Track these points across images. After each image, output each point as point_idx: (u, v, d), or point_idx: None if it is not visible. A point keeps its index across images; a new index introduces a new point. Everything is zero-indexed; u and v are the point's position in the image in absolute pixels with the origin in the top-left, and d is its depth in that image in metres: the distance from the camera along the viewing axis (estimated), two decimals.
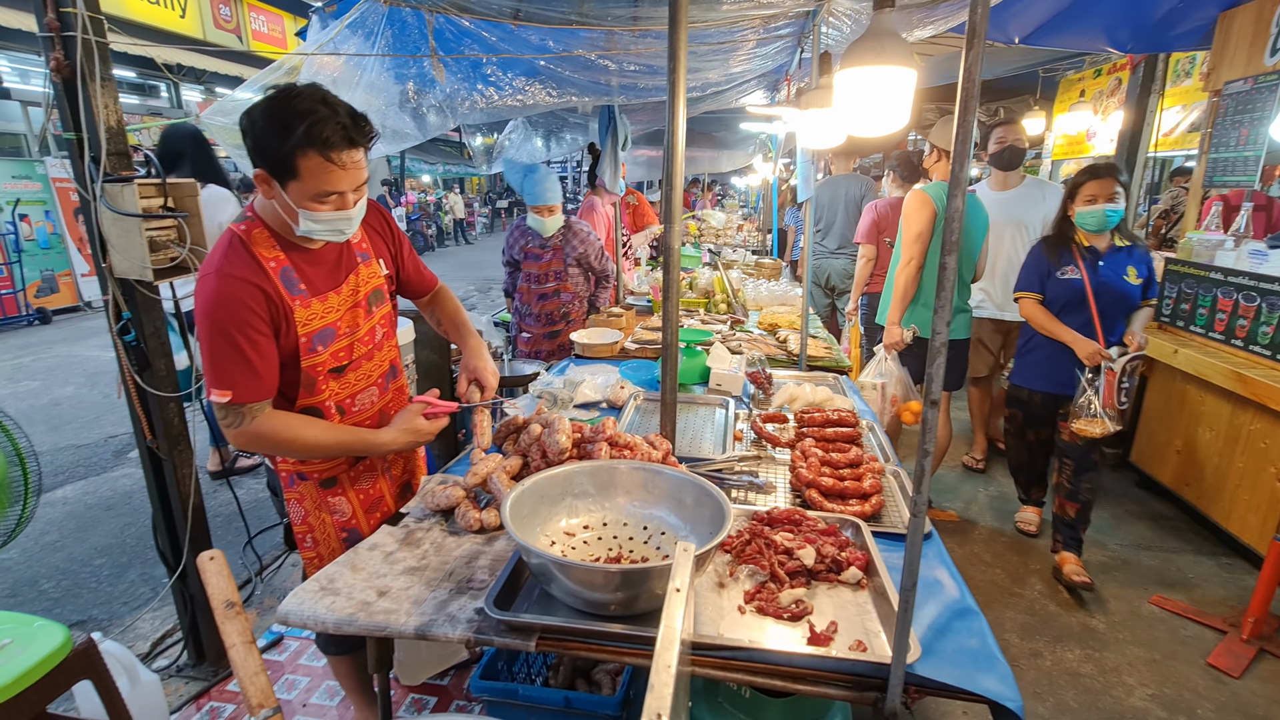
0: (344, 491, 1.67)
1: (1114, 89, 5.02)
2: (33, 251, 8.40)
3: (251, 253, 1.40)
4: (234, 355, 1.35)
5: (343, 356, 1.56)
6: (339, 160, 1.31)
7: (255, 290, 1.37)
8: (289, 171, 1.30)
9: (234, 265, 1.37)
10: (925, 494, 0.93)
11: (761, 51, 3.17)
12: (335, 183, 1.33)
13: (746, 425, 2.12)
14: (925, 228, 3.00)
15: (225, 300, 1.34)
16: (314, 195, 1.33)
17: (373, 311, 1.62)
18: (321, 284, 1.50)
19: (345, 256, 1.57)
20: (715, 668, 1.10)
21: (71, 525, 3.48)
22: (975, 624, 1.21)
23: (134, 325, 2.01)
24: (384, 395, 1.70)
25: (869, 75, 1.26)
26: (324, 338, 1.50)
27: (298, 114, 1.26)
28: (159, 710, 2.10)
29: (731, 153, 9.03)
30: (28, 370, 6.25)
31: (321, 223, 1.38)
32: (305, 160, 1.29)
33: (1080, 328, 2.78)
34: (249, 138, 1.31)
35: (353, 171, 1.35)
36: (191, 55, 9.27)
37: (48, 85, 1.89)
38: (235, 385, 1.36)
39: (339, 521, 1.68)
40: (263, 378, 1.40)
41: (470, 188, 27.24)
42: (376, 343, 1.65)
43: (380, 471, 1.74)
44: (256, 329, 1.37)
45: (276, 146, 1.28)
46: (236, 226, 1.43)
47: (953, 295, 0.87)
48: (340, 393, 1.58)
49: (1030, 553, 3.15)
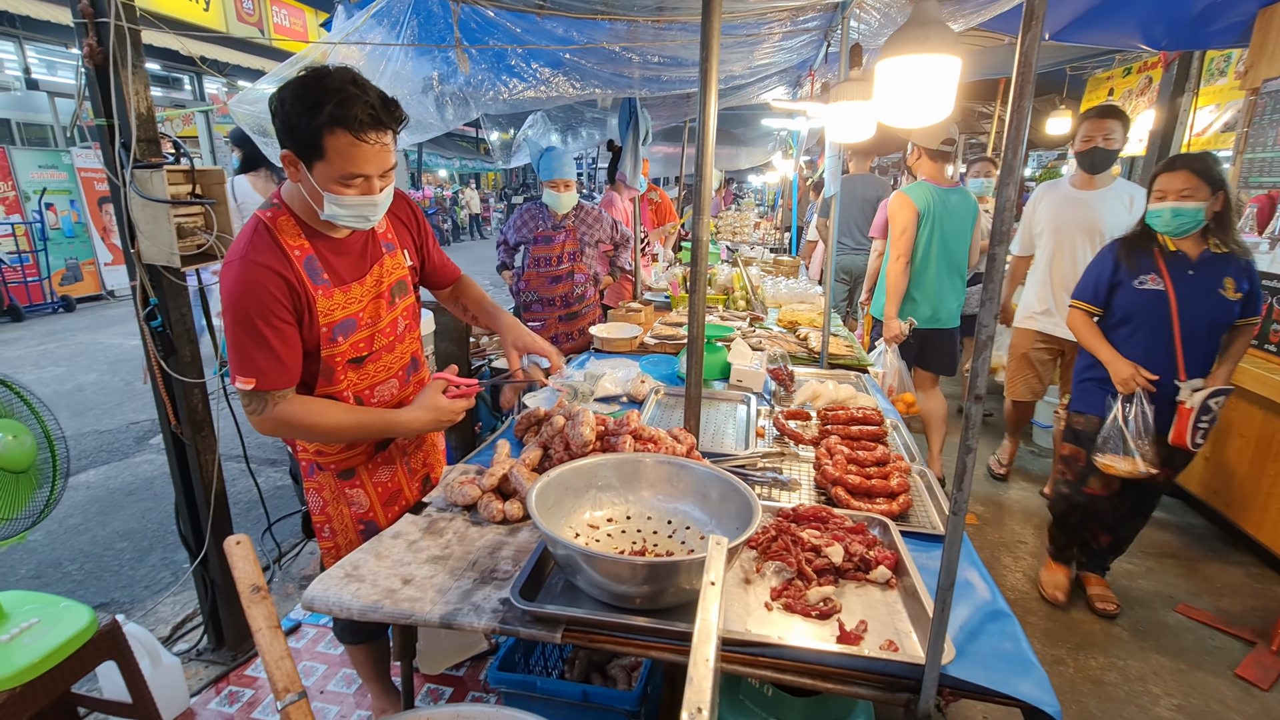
0: (362, 483, 1.66)
1: (1144, 87, 4.92)
2: (58, 240, 8.55)
3: (277, 240, 1.39)
4: (258, 342, 1.35)
5: (363, 348, 1.54)
6: (367, 140, 1.30)
7: (279, 278, 1.36)
8: (316, 151, 1.29)
9: (259, 252, 1.36)
10: (967, 492, 0.90)
11: (787, 45, 3.14)
12: (362, 164, 1.32)
13: (768, 422, 2.10)
14: (909, 225, 3.26)
15: (250, 287, 1.34)
16: (340, 177, 1.32)
17: (395, 303, 1.61)
18: (345, 274, 1.49)
19: (370, 246, 1.55)
20: (743, 664, 1.08)
21: (94, 509, 3.53)
22: (1008, 627, 1.18)
23: (160, 311, 2.03)
24: (405, 388, 1.69)
25: (912, 64, 1.23)
26: (345, 328, 1.49)
27: (327, 93, 1.25)
28: (179, 692, 2.13)
29: (750, 150, 8.98)
30: (52, 356, 6.35)
31: (346, 208, 1.36)
32: (332, 139, 1.27)
33: (1158, 349, 2.37)
34: (278, 118, 1.30)
35: (380, 154, 1.34)
36: (214, 48, 9.37)
37: (80, 72, 1.91)
38: (259, 372, 1.36)
39: (356, 513, 1.67)
40: (286, 365, 1.39)
41: (486, 183, 27.35)
42: (398, 334, 1.64)
43: (399, 463, 1.73)
44: (280, 316, 1.37)
45: (305, 125, 1.26)
46: (263, 213, 1.42)
47: (1000, 288, 0.85)
48: (359, 383, 1.57)
49: None
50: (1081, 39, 3.66)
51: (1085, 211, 3.14)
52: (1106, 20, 3.46)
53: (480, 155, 21.66)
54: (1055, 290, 3.23)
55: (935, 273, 3.31)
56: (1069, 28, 3.55)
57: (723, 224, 8.54)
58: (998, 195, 0.83)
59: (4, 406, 1.62)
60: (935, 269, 3.31)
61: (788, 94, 4.88)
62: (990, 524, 3.42)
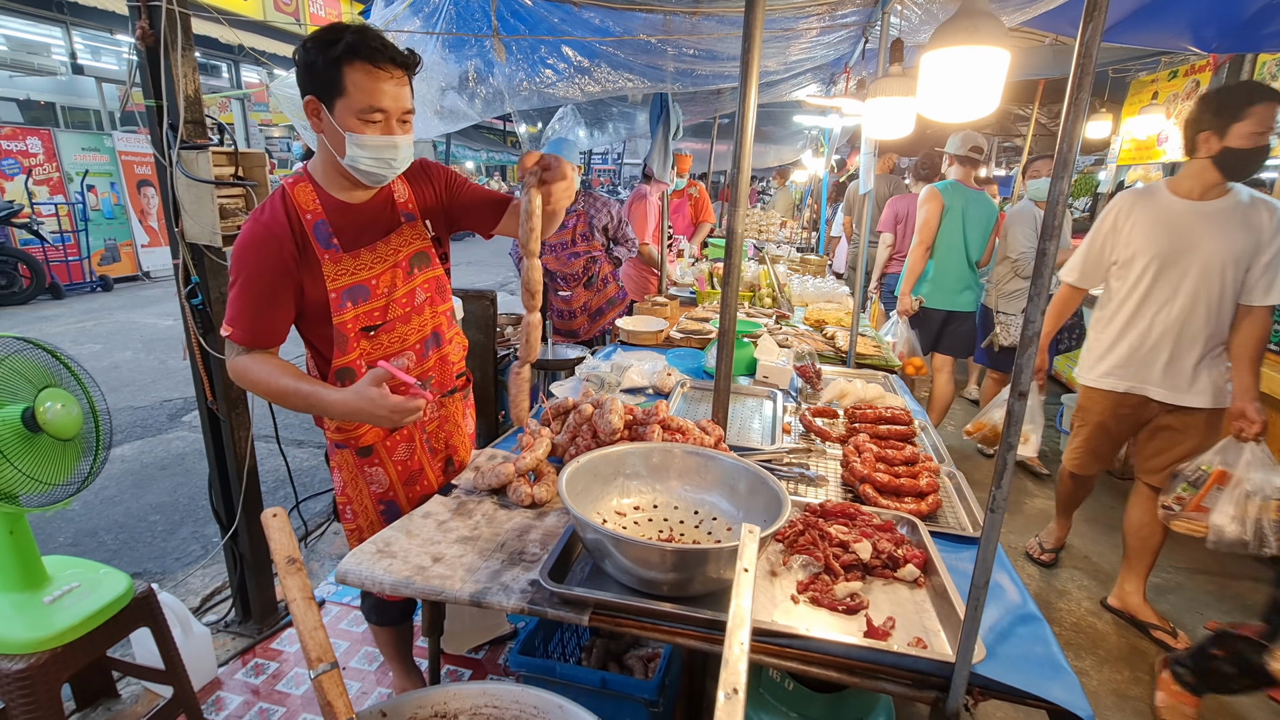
0: (381, 461, 1.66)
1: (1190, 91, 4.78)
2: (98, 221, 8.78)
3: (290, 204, 1.44)
4: (244, 298, 1.41)
5: (376, 316, 1.53)
6: (384, 69, 1.33)
7: (277, 242, 1.41)
8: (336, 87, 1.33)
9: (266, 214, 1.43)
10: (1006, 489, 0.89)
11: (824, 40, 3.10)
12: (379, 97, 1.34)
13: (794, 419, 2.09)
14: (933, 216, 3.69)
15: (252, 246, 1.40)
16: (359, 111, 1.34)
17: (414, 274, 1.58)
18: (357, 240, 1.50)
19: (388, 214, 1.55)
20: (769, 654, 1.08)
21: (129, 482, 3.63)
22: (1039, 630, 1.17)
23: (201, 289, 2.08)
24: (423, 362, 1.65)
25: (960, 56, 1.21)
26: (354, 294, 1.49)
27: (344, 29, 1.33)
28: (208, 662, 2.19)
29: (779, 148, 8.91)
30: (90, 334, 6.53)
31: (367, 149, 1.37)
32: (351, 71, 1.31)
33: None
34: (300, 66, 1.36)
35: (398, 91, 1.37)
36: (252, 36, 9.54)
37: (130, 54, 1.96)
38: (238, 325, 1.42)
39: (376, 493, 1.68)
40: (263, 327, 1.44)
41: (512, 176, 27.50)
42: (415, 306, 1.60)
43: (418, 441, 1.71)
44: (270, 280, 1.42)
45: (323, 59, 1.32)
46: (286, 180, 1.49)
47: (1049, 283, 0.83)
48: (372, 353, 1.56)
49: (1078, 571, 3.04)
50: (1128, 39, 3.56)
51: (1200, 231, 2.30)
52: (1155, 20, 3.36)
53: (507, 148, 21.78)
54: (1160, 341, 2.40)
55: (955, 262, 3.79)
56: (1115, 28, 3.45)
57: (748, 221, 8.49)
58: (1050, 189, 0.82)
59: (53, 377, 1.67)
60: (956, 259, 3.78)
61: (821, 91, 4.83)
62: (1017, 532, 3.36)
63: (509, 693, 1.09)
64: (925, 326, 3.86)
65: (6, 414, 1.52)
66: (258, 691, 2.14)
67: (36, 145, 8.15)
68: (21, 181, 7.99)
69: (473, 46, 2.97)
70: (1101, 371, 2.57)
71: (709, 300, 4.04)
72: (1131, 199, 2.46)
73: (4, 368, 1.54)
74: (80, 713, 2.02)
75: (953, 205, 3.70)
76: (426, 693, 1.09)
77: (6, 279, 7.38)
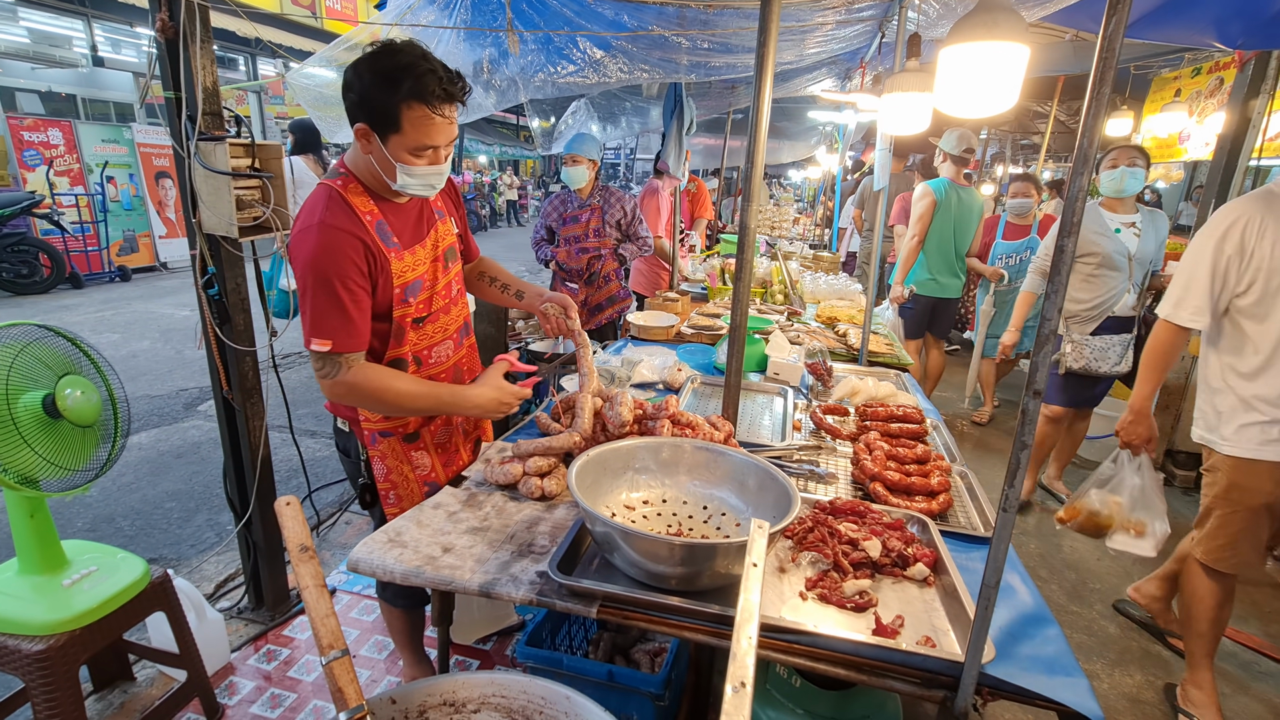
0: (425, 446, 1.72)
1: (1214, 89, 4.69)
2: (117, 212, 8.89)
3: (350, 205, 1.45)
4: (335, 305, 1.40)
5: (424, 308, 1.61)
6: (440, 113, 1.37)
7: (356, 241, 1.42)
8: (392, 124, 1.35)
9: (335, 217, 1.42)
10: (1019, 489, 0.89)
11: (840, 34, 3.07)
12: (434, 136, 1.39)
13: (805, 416, 2.08)
14: (926, 212, 4.06)
15: (328, 250, 1.39)
16: (413, 148, 1.38)
17: (449, 267, 1.68)
18: (410, 237, 1.56)
19: (426, 212, 1.63)
20: (777, 650, 1.08)
21: (145, 469, 3.68)
22: (1050, 632, 1.16)
23: (217, 280, 2.10)
24: (459, 350, 1.75)
25: (978, 51, 1.20)
26: (413, 290, 1.56)
27: (403, 68, 1.31)
28: (221, 647, 2.22)
29: (793, 144, 8.86)
30: (109, 323, 6.62)
31: (416, 177, 1.43)
32: (410, 112, 1.34)
33: None
34: (354, 91, 1.36)
35: (449, 127, 1.41)
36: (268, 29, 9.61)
37: (150, 47, 1.98)
38: (334, 334, 1.41)
39: (421, 475, 1.73)
40: (359, 329, 1.45)
41: (525, 170, 27.52)
42: (452, 297, 1.71)
43: (456, 428, 1.80)
44: (355, 280, 1.42)
45: (384, 99, 1.33)
46: (332, 182, 1.47)
47: (1067, 279, 0.82)
48: (419, 343, 1.63)
49: (1092, 573, 3.01)
50: (1151, 36, 3.50)
51: None
52: (1179, 16, 3.29)
53: (520, 142, 21.81)
54: None
55: (946, 254, 4.19)
56: (1138, 24, 3.39)
57: (760, 218, 8.45)
58: (1069, 185, 0.81)
59: (73, 364, 1.70)
60: (946, 251, 4.18)
61: (835, 86, 4.79)
62: (1030, 534, 3.33)
63: (517, 683, 1.09)
64: (918, 312, 4.32)
65: (28, 400, 1.54)
66: (270, 677, 2.17)
67: (58, 137, 8.25)
68: (43, 172, 8.10)
69: (487, 37, 2.97)
70: (1260, 439, 1.92)
71: (720, 296, 4.03)
72: (1260, 208, 1.88)
73: (26, 355, 1.57)
74: (97, 694, 2.06)
75: (945, 201, 4.05)
76: (436, 681, 1.10)
77: (28, 268, 7.49)
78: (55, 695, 1.55)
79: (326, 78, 3.42)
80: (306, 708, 2.05)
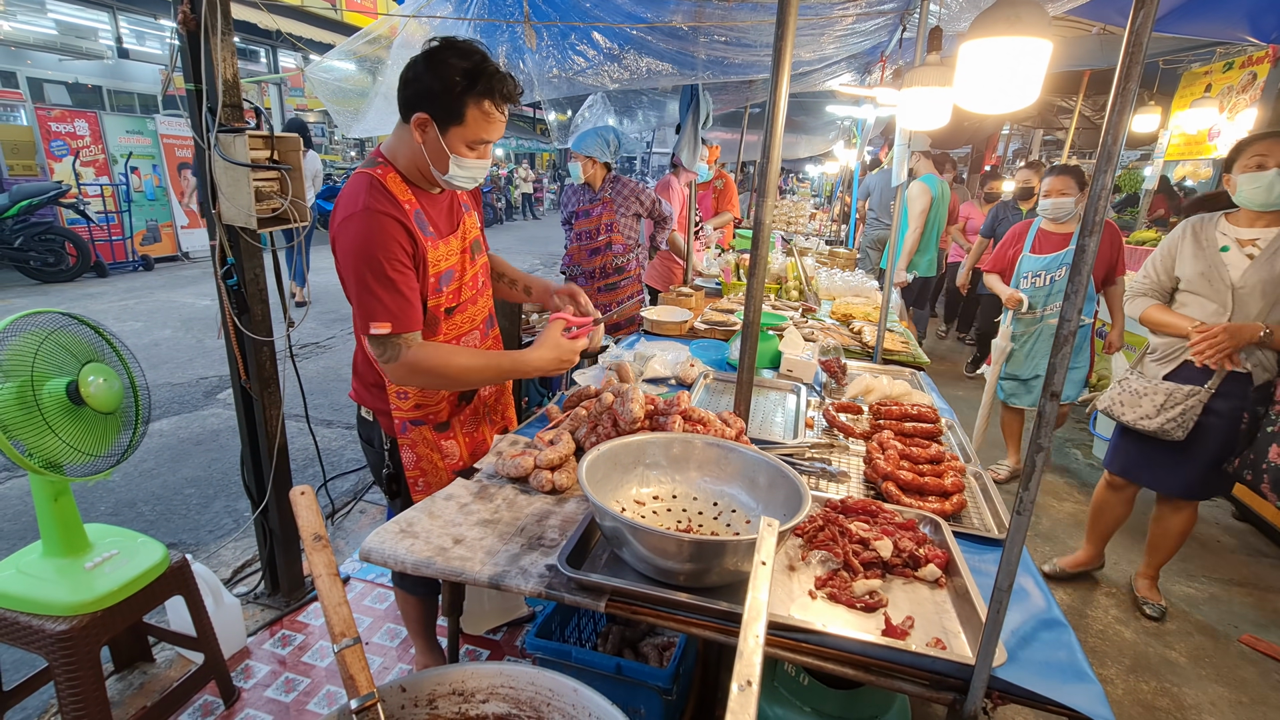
0: (454, 434, 1.75)
1: (1247, 84, 4.57)
2: (140, 202, 9.03)
3: (390, 193, 1.47)
4: (389, 288, 1.42)
5: (453, 298, 1.63)
6: (501, 111, 1.43)
7: (402, 229, 1.45)
8: (456, 117, 1.40)
9: (380, 202, 1.44)
10: (1034, 492, 0.87)
11: (860, 28, 3.03)
12: (491, 132, 1.45)
13: (818, 413, 2.07)
14: (925, 206, 5.00)
15: (377, 233, 1.42)
16: (471, 141, 1.44)
17: (475, 259, 1.70)
18: (444, 228, 1.59)
19: (455, 205, 1.66)
20: (785, 648, 1.08)
21: (166, 456, 3.75)
22: (1063, 636, 1.14)
23: (236, 270, 2.12)
24: (485, 341, 1.77)
25: (1000, 47, 1.18)
26: (447, 278, 1.59)
27: (478, 66, 1.38)
28: (237, 631, 2.26)
29: (810, 138, 8.77)
30: (132, 312, 6.75)
31: (466, 169, 1.48)
32: (476, 107, 1.40)
33: None
34: (414, 83, 1.41)
35: (502, 125, 1.47)
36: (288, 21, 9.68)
37: (173, 39, 2.01)
38: (394, 316, 1.42)
39: (450, 464, 1.75)
40: (414, 309, 1.47)
41: (540, 163, 27.53)
42: (479, 288, 1.73)
43: (483, 416, 1.83)
44: (404, 263, 1.45)
45: (454, 93, 1.38)
46: (372, 170, 1.49)
47: (1087, 280, 0.81)
48: (449, 333, 1.65)
49: (1106, 577, 2.97)
50: (1182, 30, 3.42)
51: None
52: (1210, 10, 3.21)
53: (536, 135, 21.81)
54: None
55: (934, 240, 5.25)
56: (1168, 17, 3.31)
57: (776, 213, 8.39)
58: (1093, 182, 0.79)
59: (96, 352, 1.73)
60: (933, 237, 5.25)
61: (855, 80, 4.73)
62: (1042, 534, 3.28)
63: (525, 674, 1.10)
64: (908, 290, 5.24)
65: (52, 386, 1.58)
66: (284, 662, 2.21)
67: (84, 128, 8.40)
68: (69, 163, 8.25)
69: (504, 32, 2.97)
70: None
71: (734, 292, 4.01)
72: None
73: (51, 342, 1.60)
74: (118, 674, 2.10)
75: (939, 196, 5.05)
76: (445, 670, 1.11)
77: (54, 257, 7.64)
78: (77, 674, 1.59)
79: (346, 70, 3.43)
80: (320, 692, 2.08)
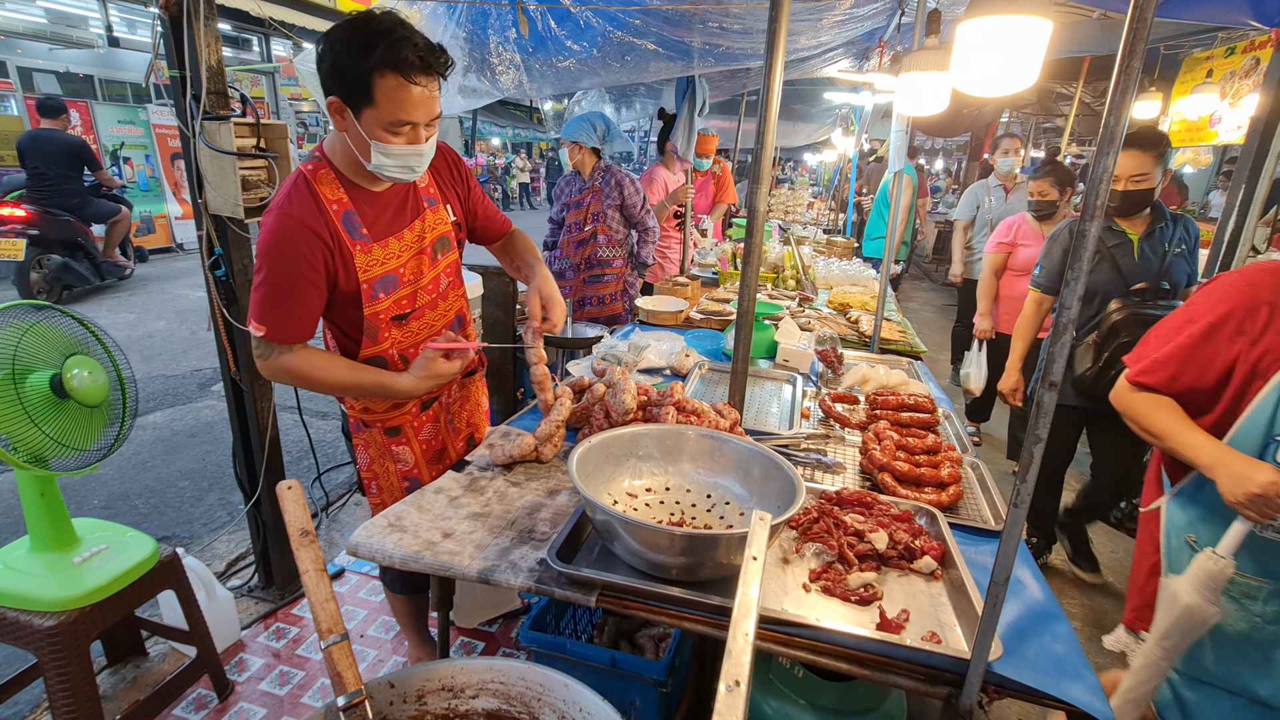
0: (407, 440, 1.68)
1: (1249, 69, 4.52)
2: (133, 193, 8.93)
3: (315, 194, 1.39)
4: (276, 295, 1.36)
5: (405, 304, 1.54)
6: (416, 83, 1.28)
7: (311, 235, 1.36)
8: (365, 96, 1.28)
9: (295, 206, 1.36)
10: (1032, 483, 0.85)
11: (859, 12, 2.99)
12: (410, 111, 1.30)
13: (814, 404, 2.05)
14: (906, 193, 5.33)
15: (280, 240, 1.35)
16: (388, 124, 1.31)
17: (438, 259, 1.59)
18: (384, 228, 1.48)
19: (411, 200, 1.54)
20: (778, 643, 1.07)
21: (160, 448, 3.73)
22: (1061, 629, 1.13)
23: (224, 261, 2.09)
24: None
25: (998, 26, 1.14)
26: (386, 284, 1.49)
27: (377, 34, 1.24)
28: (231, 624, 2.25)
29: (808, 126, 8.69)
30: (125, 304, 6.70)
31: (393, 157, 1.35)
32: (382, 82, 1.26)
33: None
34: (326, 62, 1.29)
35: (427, 101, 1.32)
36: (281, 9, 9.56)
37: (155, 24, 1.96)
38: (270, 322, 1.37)
39: (401, 470, 1.70)
40: (298, 322, 1.40)
41: (537, 153, 27.34)
42: (441, 291, 1.63)
43: (442, 421, 1.75)
44: (304, 275, 1.37)
45: (355, 67, 1.25)
46: (304, 166, 1.43)
47: (1088, 265, 0.79)
48: (404, 341, 1.57)
49: (1105, 568, 2.96)
50: (1183, 15, 3.36)
51: None
52: None
53: (533, 124, 21.63)
54: None
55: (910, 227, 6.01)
56: (1170, 2, 3.26)
57: (774, 202, 8.33)
58: (1093, 167, 0.77)
59: (82, 345, 1.70)
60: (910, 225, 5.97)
61: (853, 67, 4.68)
62: None
63: (515, 669, 1.09)
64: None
65: (35, 380, 1.55)
66: (279, 655, 2.20)
67: (75, 117, 8.30)
68: None
69: (495, 20, 2.92)
70: None
71: (731, 281, 3.98)
72: None
73: (32, 334, 1.58)
74: (111, 668, 2.09)
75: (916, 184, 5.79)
76: (435, 666, 1.09)
77: None
78: (66, 670, 1.58)
79: None
80: (314, 685, 2.07)
